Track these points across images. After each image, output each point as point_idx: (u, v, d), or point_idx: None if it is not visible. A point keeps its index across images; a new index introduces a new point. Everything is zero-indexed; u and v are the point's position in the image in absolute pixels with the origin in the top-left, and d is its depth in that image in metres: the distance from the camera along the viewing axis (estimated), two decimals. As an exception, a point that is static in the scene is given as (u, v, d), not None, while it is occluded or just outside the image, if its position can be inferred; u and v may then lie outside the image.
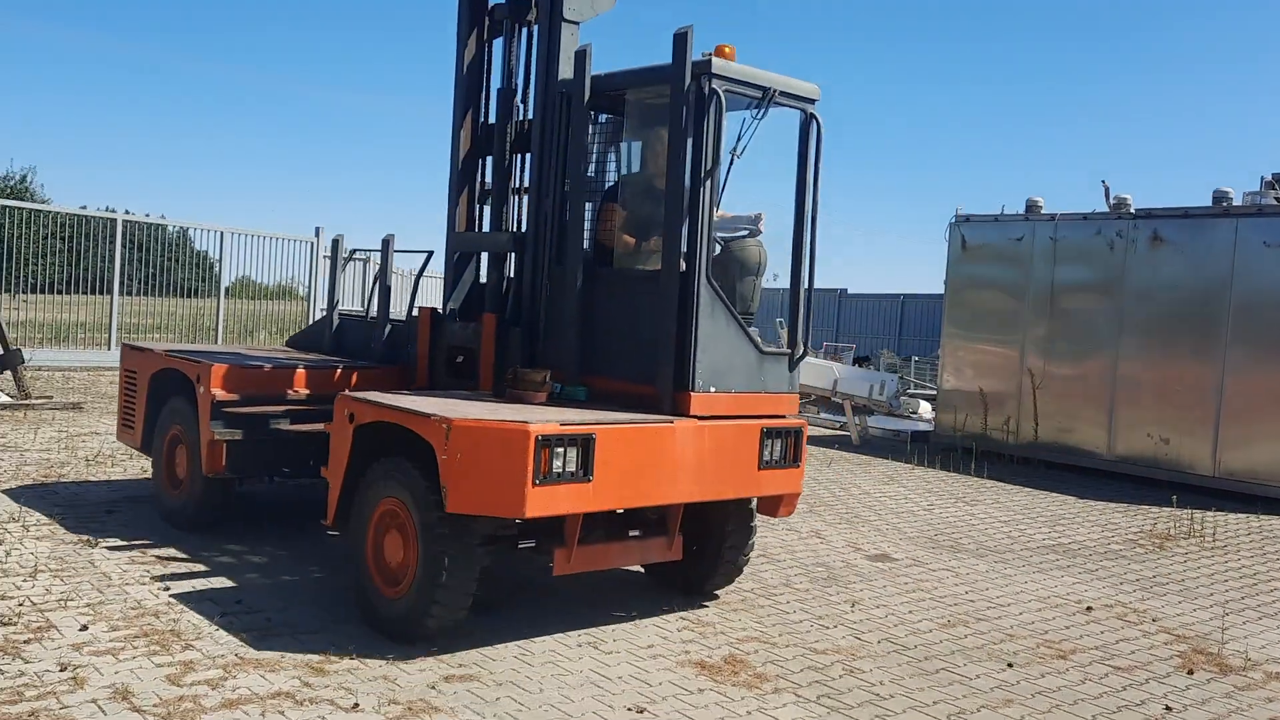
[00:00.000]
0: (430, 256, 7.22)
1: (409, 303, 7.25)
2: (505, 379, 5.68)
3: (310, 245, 18.90)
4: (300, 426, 6.35)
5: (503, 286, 6.23)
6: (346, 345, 7.63)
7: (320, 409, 6.03)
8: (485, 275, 6.45)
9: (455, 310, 6.48)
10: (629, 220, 5.85)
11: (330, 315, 7.73)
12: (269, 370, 6.63)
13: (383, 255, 7.10)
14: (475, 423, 4.71)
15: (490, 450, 4.64)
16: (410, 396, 5.49)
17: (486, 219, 6.57)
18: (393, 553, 5.07)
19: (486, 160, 6.57)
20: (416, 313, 6.68)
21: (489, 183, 6.53)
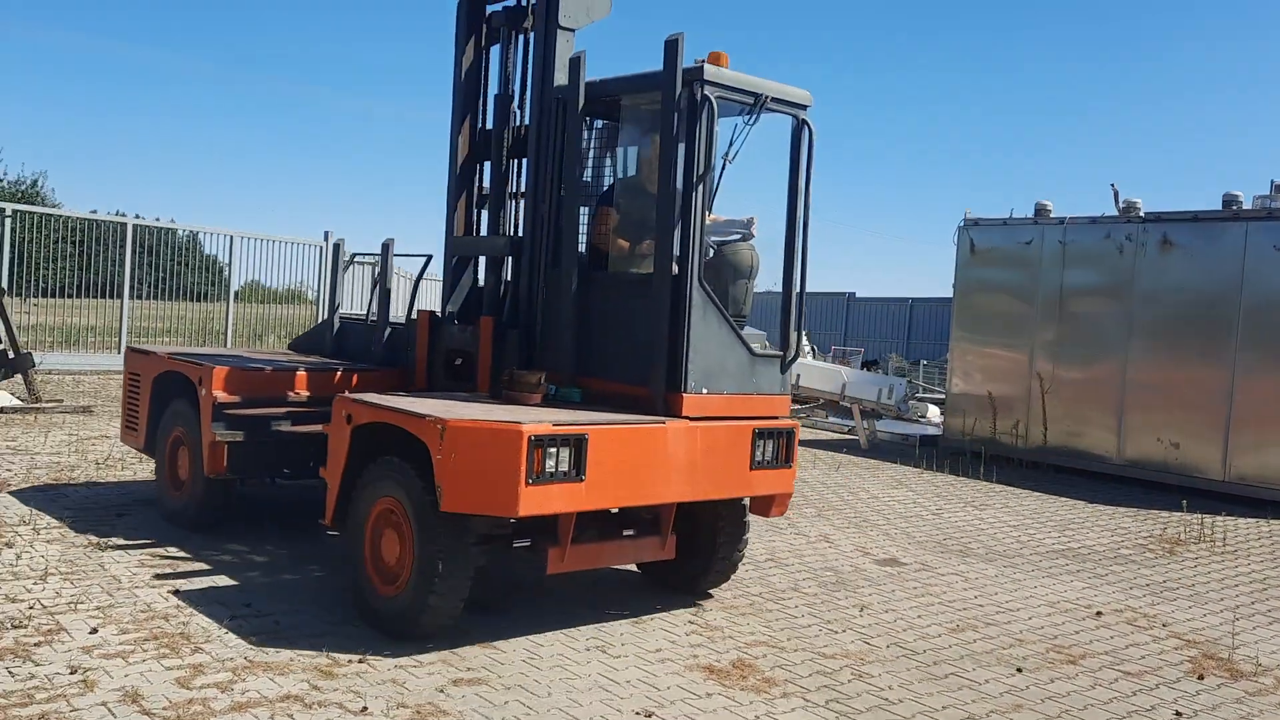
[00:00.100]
0: (429, 260, 7.27)
1: (408, 306, 7.28)
2: (501, 381, 5.73)
3: (319, 249, 19.00)
4: (300, 428, 6.39)
5: (500, 290, 6.29)
6: (347, 348, 7.67)
7: (320, 410, 6.08)
8: (483, 279, 6.51)
9: (454, 313, 6.54)
10: (623, 224, 5.91)
11: (331, 318, 7.78)
12: (270, 373, 6.69)
13: (382, 259, 7.14)
14: (469, 423, 4.76)
15: (484, 450, 4.69)
16: (406, 398, 5.55)
17: (485, 223, 6.62)
18: (389, 551, 5.12)
19: (484, 165, 6.63)
20: (416, 316, 6.72)
21: (487, 187, 6.58)
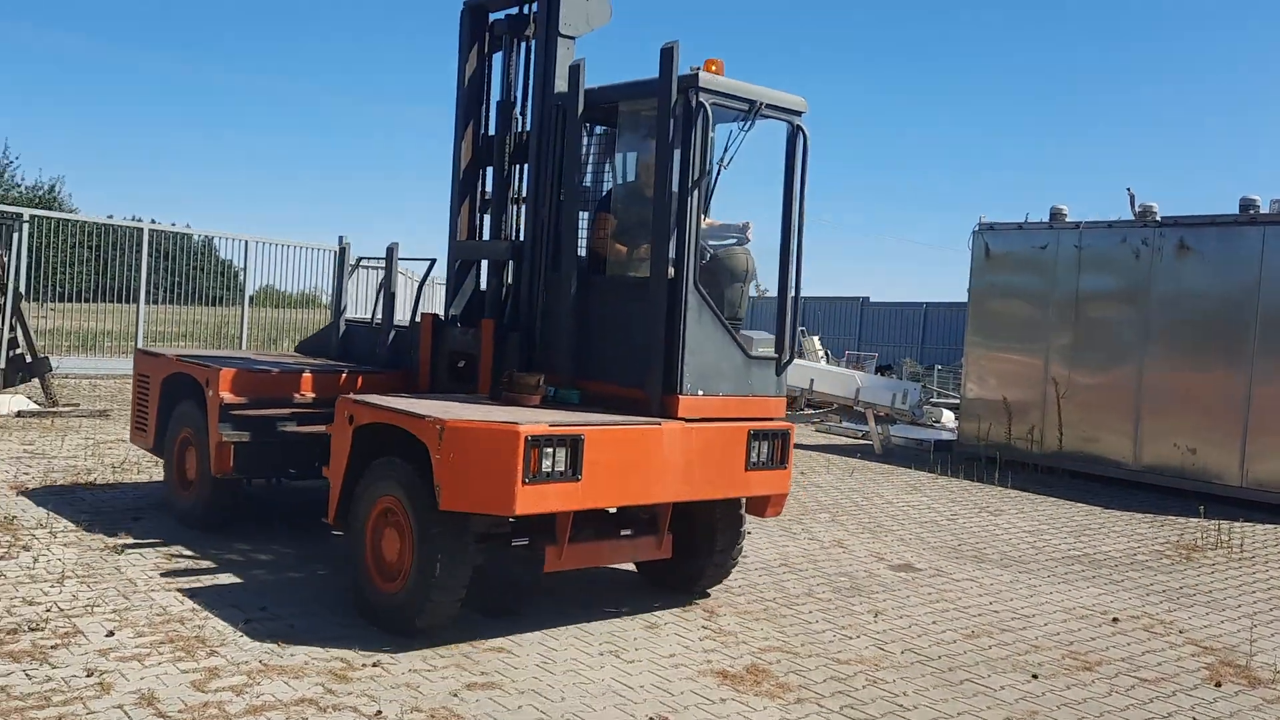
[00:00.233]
0: (433, 264, 7.33)
1: (412, 309, 7.34)
2: (501, 382, 5.79)
3: (334, 254, 19.13)
4: (305, 428, 6.45)
5: (502, 293, 6.37)
6: (353, 351, 7.76)
7: (325, 412, 6.15)
8: (485, 282, 6.59)
9: (457, 316, 6.62)
10: (621, 229, 5.99)
11: (337, 321, 7.85)
12: (275, 374, 6.78)
13: (387, 263, 7.20)
14: (467, 423, 4.84)
15: (481, 450, 4.77)
16: (407, 399, 5.64)
17: (488, 227, 6.68)
18: (390, 549, 5.21)
19: (487, 171, 6.70)
20: (420, 319, 6.76)
21: (490, 192, 6.64)
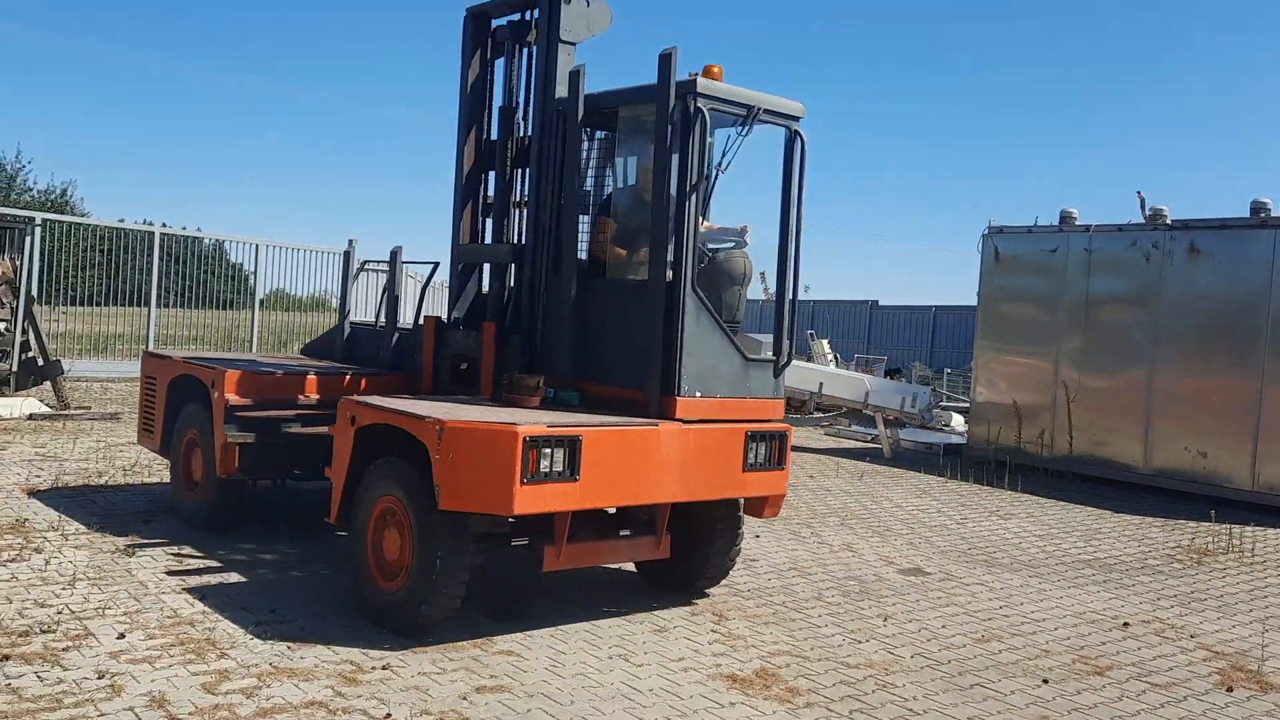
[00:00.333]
0: (436, 267, 7.38)
1: (416, 311, 7.39)
2: (501, 384, 5.84)
3: (344, 257, 19.22)
4: (309, 430, 6.50)
5: (504, 296, 6.43)
6: (357, 353, 7.82)
7: (329, 413, 6.20)
8: (487, 285, 6.64)
9: (459, 319, 6.68)
10: (620, 232, 6.05)
11: (341, 324, 7.91)
12: (280, 376, 6.85)
13: (390, 266, 7.25)
14: (466, 424, 4.89)
15: (480, 450, 4.82)
16: (408, 400, 5.70)
17: (490, 231, 6.73)
18: (390, 548, 5.27)
19: (489, 175, 6.76)
20: (423, 321, 6.81)
21: (492, 196, 6.69)
